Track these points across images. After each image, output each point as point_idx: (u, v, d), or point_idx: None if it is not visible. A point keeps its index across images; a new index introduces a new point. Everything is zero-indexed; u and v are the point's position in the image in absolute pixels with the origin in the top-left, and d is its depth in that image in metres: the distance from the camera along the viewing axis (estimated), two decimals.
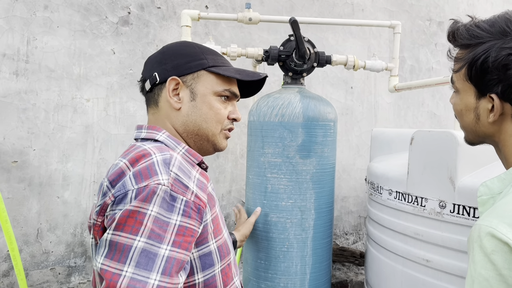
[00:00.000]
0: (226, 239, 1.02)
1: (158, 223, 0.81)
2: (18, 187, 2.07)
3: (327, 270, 2.02)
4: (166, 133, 1.01)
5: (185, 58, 1.04)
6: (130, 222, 0.80)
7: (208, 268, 0.95)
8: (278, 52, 1.94)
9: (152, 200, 0.82)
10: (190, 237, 0.85)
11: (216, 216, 0.98)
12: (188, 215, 0.85)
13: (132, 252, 0.79)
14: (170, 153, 0.91)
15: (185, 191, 0.86)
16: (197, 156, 1.02)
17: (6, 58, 2.02)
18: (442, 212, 1.50)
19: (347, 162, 3.06)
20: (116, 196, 0.85)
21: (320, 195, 1.91)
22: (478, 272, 0.76)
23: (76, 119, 2.15)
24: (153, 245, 0.80)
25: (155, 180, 0.83)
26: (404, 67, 3.25)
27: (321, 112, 1.89)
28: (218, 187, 2.58)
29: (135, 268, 0.78)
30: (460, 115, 0.94)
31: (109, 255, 0.80)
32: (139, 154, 0.90)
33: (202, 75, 1.05)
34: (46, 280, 2.14)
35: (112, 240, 0.80)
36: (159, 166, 0.86)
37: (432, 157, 1.56)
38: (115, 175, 0.89)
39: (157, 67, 1.03)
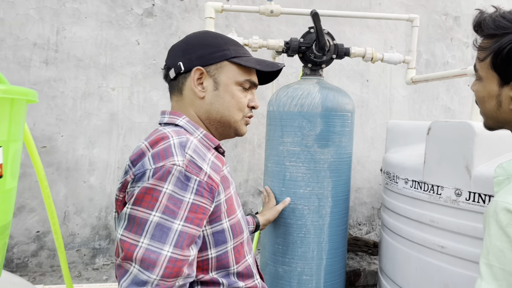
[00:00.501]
0: (240, 220, 1.09)
1: (172, 200, 0.89)
2: (47, 171, 2.16)
3: (342, 256, 2.07)
4: (186, 118, 1.08)
5: (209, 49, 1.09)
6: (147, 198, 0.88)
7: (221, 244, 1.02)
8: (299, 43, 1.99)
9: (167, 179, 0.89)
10: (201, 214, 0.92)
11: (230, 197, 1.05)
12: (200, 194, 0.92)
13: (148, 225, 0.87)
14: (187, 136, 0.98)
15: (199, 172, 0.93)
16: (214, 141, 1.08)
17: (36, 47, 2.10)
18: (457, 199, 1.54)
19: (362, 154, 3.10)
20: (136, 174, 0.92)
21: (337, 183, 1.96)
22: (493, 244, 0.82)
23: (102, 107, 2.23)
24: (167, 220, 0.87)
25: (170, 161, 0.90)
26: (419, 61, 3.28)
27: (339, 103, 1.94)
28: (236, 176, 2.65)
29: (150, 240, 0.86)
30: (481, 102, 0.99)
31: (128, 227, 0.88)
32: (159, 137, 0.97)
33: (225, 65, 1.10)
34: (72, 261, 2.24)
35: (130, 214, 0.89)
36: (175, 148, 0.93)
37: (448, 146, 1.60)
38: (136, 155, 0.97)
39: (182, 56, 1.08)
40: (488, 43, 0.94)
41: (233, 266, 1.06)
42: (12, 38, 2.05)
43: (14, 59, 2.06)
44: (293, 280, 1.97)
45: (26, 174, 2.14)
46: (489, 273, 0.82)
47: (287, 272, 1.97)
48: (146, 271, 0.84)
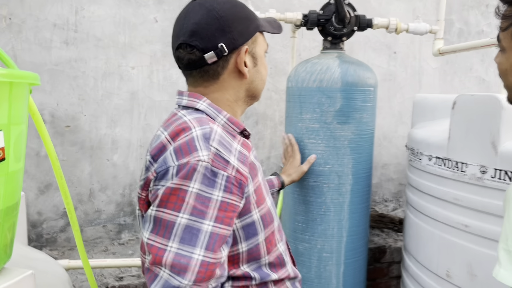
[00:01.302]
0: (270, 208, 1.02)
1: (200, 199, 0.83)
2: (71, 150, 2.21)
3: (363, 234, 2.05)
4: (207, 101, 0.99)
5: (245, 22, 0.99)
6: (172, 199, 0.83)
7: (252, 237, 0.96)
8: (317, 16, 1.92)
9: (193, 177, 0.83)
10: (232, 213, 0.86)
11: (258, 186, 0.98)
12: (230, 190, 0.86)
13: (176, 228, 0.81)
14: (210, 125, 0.91)
15: (226, 166, 0.86)
16: (238, 125, 1.01)
17: (56, 28, 2.13)
18: (482, 177, 1.48)
19: (389, 129, 3.01)
20: (158, 172, 0.86)
21: (358, 160, 1.91)
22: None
23: (122, 86, 2.25)
24: (196, 221, 0.82)
25: (195, 157, 0.84)
26: (451, 30, 3.11)
27: (360, 77, 1.87)
28: (258, 153, 2.64)
29: (179, 244, 0.81)
30: (504, 75, 0.92)
31: (155, 230, 0.83)
32: (179, 127, 0.90)
33: (258, 37, 1.04)
34: (99, 236, 2.31)
35: (156, 216, 0.84)
36: (199, 141, 0.86)
37: (474, 121, 1.52)
38: (156, 149, 0.90)
39: (221, 36, 0.95)
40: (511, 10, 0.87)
41: (264, 257, 1.00)
42: (32, 19, 2.08)
43: (35, 40, 2.09)
44: (313, 257, 1.97)
45: None
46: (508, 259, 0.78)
47: (307, 249, 1.97)
48: (178, 276, 0.80)
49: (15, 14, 2.05)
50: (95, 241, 2.30)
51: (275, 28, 1.11)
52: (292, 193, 1.99)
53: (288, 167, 1.79)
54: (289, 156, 1.84)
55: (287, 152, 1.86)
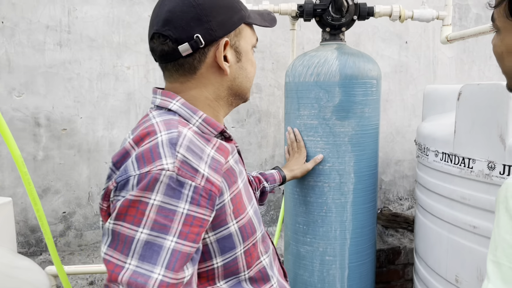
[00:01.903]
0: (252, 217, 0.92)
1: (162, 213, 0.74)
2: (69, 153, 2.19)
3: (370, 235, 1.93)
4: (180, 100, 0.89)
5: (227, 12, 0.89)
6: (131, 211, 0.75)
7: (228, 251, 0.87)
8: (313, 6, 1.81)
9: (154, 188, 0.74)
10: (198, 228, 0.77)
11: (237, 194, 0.89)
12: (197, 202, 0.77)
13: (135, 244, 0.74)
14: (179, 129, 0.81)
15: (194, 175, 0.77)
16: (216, 126, 0.90)
17: (49, 30, 2.10)
18: (491, 174, 1.35)
19: (402, 124, 2.87)
20: (118, 181, 0.78)
21: (360, 158, 1.80)
22: (502, 237, 0.67)
23: (118, 87, 2.21)
24: (158, 236, 0.74)
25: (157, 165, 0.75)
26: (468, 16, 2.93)
27: (360, 69, 1.76)
28: (261, 152, 2.55)
29: (138, 261, 0.73)
30: (501, 59, 0.81)
31: (112, 245, 0.76)
32: (145, 131, 0.81)
33: (242, 29, 0.93)
34: (99, 240, 2.28)
35: (114, 229, 0.76)
36: (163, 147, 0.77)
37: (481, 113, 1.40)
38: (119, 156, 0.82)
39: (197, 26, 0.85)
40: None
41: (244, 272, 0.91)
42: (25, 22, 2.05)
43: (28, 43, 2.07)
44: (315, 261, 1.88)
45: (49, 157, 2.19)
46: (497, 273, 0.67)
47: (309, 252, 1.88)
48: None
49: (7, 17, 2.03)
50: (95, 245, 2.27)
51: (267, 21, 1.00)
52: (292, 194, 1.90)
53: (292, 163, 1.71)
54: (294, 151, 1.76)
55: (291, 148, 1.77)
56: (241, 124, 2.49)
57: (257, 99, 2.48)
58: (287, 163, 1.73)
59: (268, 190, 1.50)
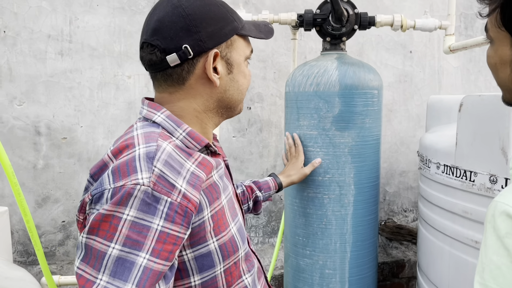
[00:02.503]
0: (234, 235, 0.90)
1: (136, 228, 0.72)
2: (69, 162, 2.18)
3: (371, 248, 1.89)
4: (165, 112, 0.87)
5: (217, 23, 0.88)
6: (104, 226, 0.73)
7: (207, 269, 0.85)
8: (313, 15, 1.80)
9: (128, 203, 0.72)
10: (171, 245, 0.75)
11: (219, 210, 0.87)
12: (171, 219, 0.75)
13: (106, 260, 0.72)
14: (158, 143, 0.80)
15: (171, 191, 0.75)
16: (200, 140, 0.88)
17: (51, 39, 2.11)
18: (493, 187, 1.31)
19: (406, 134, 2.83)
20: (93, 194, 0.76)
21: (360, 169, 1.77)
22: (489, 258, 0.64)
23: (119, 96, 2.21)
24: (130, 252, 0.72)
25: (132, 180, 0.73)
26: (474, 26, 2.89)
27: (361, 80, 1.73)
28: (262, 162, 2.52)
29: (109, 277, 0.71)
30: (495, 70, 0.78)
31: (85, 259, 0.74)
32: (123, 144, 0.80)
33: (235, 40, 0.92)
34: None
35: (87, 244, 0.74)
36: (140, 161, 0.76)
37: (482, 125, 1.36)
38: (96, 167, 0.81)
39: (186, 36, 0.84)
40: None
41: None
42: (26, 31, 2.07)
43: (30, 52, 2.08)
44: (315, 274, 1.84)
45: (49, 165, 2.18)
46: None
47: (309, 265, 1.84)
48: None
49: (9, 26, 2.04)
50: None
51: (263, 32, 0.98)
52: (292, 205, 1.87)
53: (289, 168, 1.68)
54: (292, 156, 1.73)
55: (289, 153, 1.75)
56: (242, 133, 2.47)
57: (259, 109, 2.46)
58: (285, 168, 1.70)
59: (262, 199, 1.47)
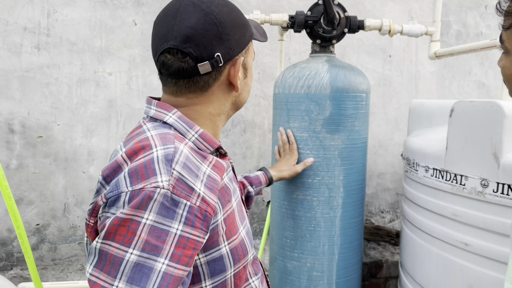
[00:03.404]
0: (244, 238, 0.89)
1: (155, 233, 0.70)
2: (44, 162, 2.08)
3: (357, 250, 1.91)
4: (177, 113, 0.86)
5: (241, 30, 0.89)
6: (121, 231, 0.70)
7: (219, 274, 0.84)
8: (305, 17, 1.79)
9: (147, 206, 0.70)
10: (192, 250, 0.73)
11: (231, 214, 0.86)
12: (191, 224, 0.73)
13: (123, 266, 0.69)
14: (176, 145, 0.78)
15: (190, 194, 0.74)
16: (212, 142, 0.87)
17: (27, 32, 1.99)
18: (484, 191, 1.35)
19: (384, 137, 2.88)
20: (108, 197, 0.74)
21: (349, 172, 1.78)
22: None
23: (99, 94, 2.12)
24: (149, 258, 0.69)
25: (152, 183, 0.71)
26: (449, 32, 2.98)
27: (351, 83, 1.75)
28: (245, 163, 2.50)
29: (126, 284, 0.68)
30: (510, 80, 0.80)
31: (99, 265, 0.71)
32: (139, 145, 0.77)
33: (250, 46, 0.94)
34: (74, 254, 2.17)
35: (102, 249, 0.71)
36: (159, 163, 0.74)
37: (474, 130, 1.39)
38: (110, 169, 0.78)
39: (218, 45, 0.83)
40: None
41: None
42: (1, 23, 1.95)
43: (4, 45, 1.96)
44: (302, 276, 1.83)
45: (23, 165, 2.07)
46: None
47: (296, 267, 1.84)
48: None
49: None
50: (70, 259, 2.15)
51: (262, 35, 0.99)
52: (280, 207, 1.86)
53: (282, 163, 1.67)
54: (285, 153, 1.72)
55: (283, 149, 1.74)
56: (225, 134, 2.43)
57: (242, 109, 2.43)
58: (277, 163, 1.69)
59: (253, 194, 1.48)
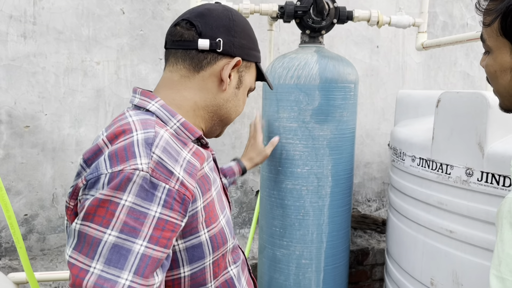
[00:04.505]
0: (224, 227, 0.91)
1: (133, 215, 0.71)
2: (32, 152, 2.06)
3: (345, 238, 1.95)
4: (160, 101, 0.88)
5: (250, 43, 0.96)
6: (100, 212, 0.71)
7: (197, 261, 0.85)
8: (294, 7, 1.80)
9: (126, 188, 0.71)
10: (170, 232, 0.75)
11: (210, 202, 0.87)
12: (170, 206, 0.74)
13: (101, 247, 0.70)
14: (156, 130, 0.80)
15: (169, 178, 0.75)
16: (194, 132, 0.89)
17: (13, 20, 1.96)
18: (468, 180, 1.38)
19: (371, 127, 2.92)
20: (88, 179, 0.75)
21: (338, 161, 1.81)
22: (506, 253, 0.67)
23: (86, 83, 2.10)
24: (127, 239, 0.71)
25: (132, 165, 0.72)
26: (435, 23, 3.02)
27: (340, 73, 1.76)
28: (235, 153, 2.51)
29: (104, 265, 0.69)
30: (494, 78, 0.81)
31: (78, 247, 0.72)
32: (120, 129, 0.78)
33: (252, 67, 0.99)
34: (63, 244, 2.17)
35: (80, 231, 0.72)
36: (139, 146, 0.75)
37: (459, 120, 1.42)
38: (90, 152, 0.79)
39: (224, 33, 0.90)
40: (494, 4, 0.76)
41: (210, 283, 0.89)
42: None
43: None
44: (291, 264, 1.87)
45: (10, 155, 2.05)
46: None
47: (285, 255, 1.87)
48: None
49: None
50: (59, 249, 2.15)
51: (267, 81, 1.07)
52: (269, 197, 1.88)
53: (249, 150, 1.66)
54: (250, 137, 1.69)
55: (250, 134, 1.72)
56: None
57: None
58: (245, 151, 1.67)
59: (228, 185, 1.50)
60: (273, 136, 1.80)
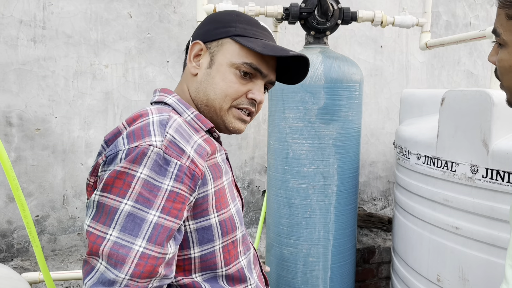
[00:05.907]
0: (234, 215, 0.95)
1: (148, 187, 0.78)
2: (42, 154, 2.09)
3: (351, 236, 1.97)
4: (176, 96, 0.97)
5: (216, 24, 1.00)
6: (118, 183, 0.77)
7: (207, 243, 0.90)
8: (299, 9, 1.83)
9: (142, 161, 0.78)
10: (180, 204, 0.80)
11: (221, 188, 0.92)
12: (180, 180, 0.80)
13: (118, 215, 0.76)
14: (170, 114, 0.87)
15: (180, 155, 0.81)
16: (206, 123, 0.95)
17: (23, 25, 2.00)
18: (473, 177, 1.40)
19: (376, 126, 2.93)
20: (108, 156, 0.81)
21: (343, 160, 1.83)
22: None
23: (95, 86, 2.14)
24: (141, 209, 0.77)
25: (147, 141, 0.79)
26: (438, 23, 3.03)
27: (345, 73, 1.79)
28: (241, 153, 2.54)
29: (119, 232, 0.75)
30: (507, 73, 0.78)
31: (96, 217, 0.78)
32: (137, 114, 0.86)
33: (226, 43, 0.97)
34: (74, 244, 2.20)
35: (99, 201, 0.78)
36: (154, 126, 0.82)
37: (464, 118, 1.44)
38: (111, 134, 0.86)
39: (195, 31, 1.03)
40: None
41: (221, 268, 0.93)
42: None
43: (0, 38, 1.96)
44: (299, 262, 1.89)
45: (22, 158, 2.08)
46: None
47: (293, 254, 1.89)
48: (114, 269, 0.74)
49: None
50: (70, 249, 2.18)
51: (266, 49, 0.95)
52: (276, 196, 1.91)
53: None
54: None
55: None
56: None
57: None
58: None
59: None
60: (279, 136, 1.82)
